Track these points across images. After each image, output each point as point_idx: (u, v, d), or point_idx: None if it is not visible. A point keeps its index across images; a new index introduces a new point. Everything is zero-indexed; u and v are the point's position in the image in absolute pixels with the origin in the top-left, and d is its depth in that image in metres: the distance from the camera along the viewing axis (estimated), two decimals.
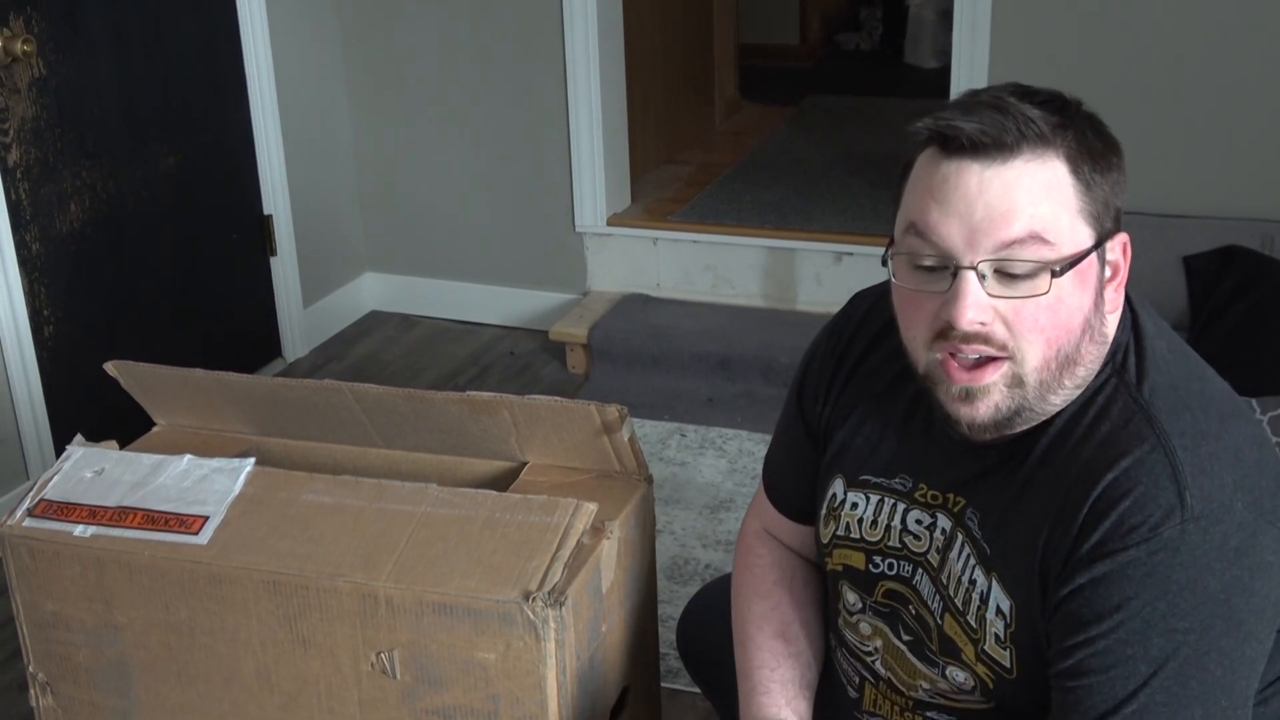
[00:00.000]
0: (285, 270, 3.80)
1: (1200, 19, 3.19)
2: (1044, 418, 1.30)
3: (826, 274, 3.68)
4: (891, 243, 1.32)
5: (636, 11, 4.02)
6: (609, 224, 3.89)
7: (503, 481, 1.81)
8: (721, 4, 4.92)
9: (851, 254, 3.63)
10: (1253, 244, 3.10)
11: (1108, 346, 1.30)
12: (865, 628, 1.48)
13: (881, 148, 4.53)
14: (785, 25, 6.40)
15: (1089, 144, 1.25)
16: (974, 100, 1.26)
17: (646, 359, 3.63)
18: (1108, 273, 1.28)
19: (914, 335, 1.31)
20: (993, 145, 1.22)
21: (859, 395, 1.49)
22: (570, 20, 3.70)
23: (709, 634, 1.75)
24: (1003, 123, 1.22)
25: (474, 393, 1.77)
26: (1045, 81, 1.32)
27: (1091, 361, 1.29)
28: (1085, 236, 1.25)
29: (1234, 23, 3.16)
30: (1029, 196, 1.22)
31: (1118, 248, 1.29)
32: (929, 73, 5.96)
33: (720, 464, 3.17)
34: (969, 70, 3.36)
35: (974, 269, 1.23)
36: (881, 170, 4.22)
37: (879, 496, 1.45)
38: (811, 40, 6.51)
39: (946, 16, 4.66)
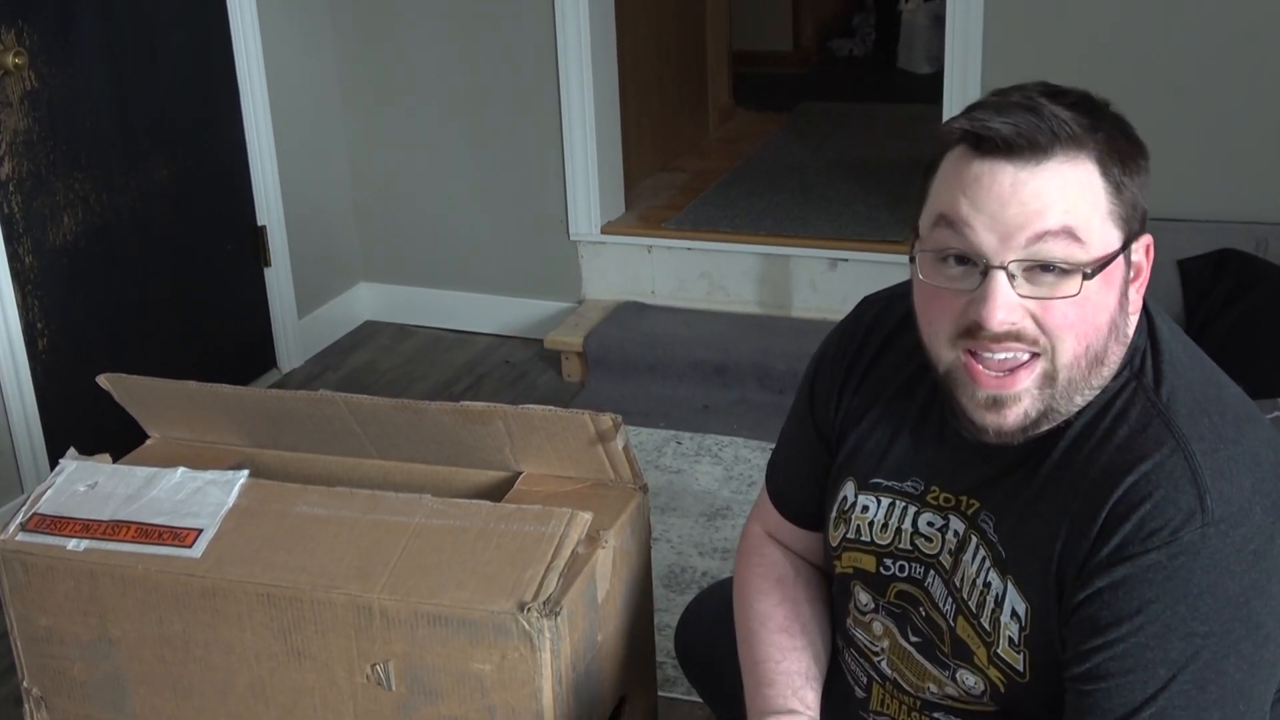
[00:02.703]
0: (280, 281, 3.80)
1: (1193, 23, 3.19)
2: (1065, 419, 1.29)
3: (821, 280, 3.68)
4: (915, 238, 1.31)
5: (629, 19, 4.02)
6: (603, 232, 3.89)
7: (497, 491, 1.81)
8: (715, 11, 4.92)
9: (846, 260, 3.63)
10: (1247, 247, 3.11)
11: (1127, 345, 1.30)
12: (877, 627, 1.47)
13: (876, 153, 4.54)
14: (778, 32, 6.41)
15: (1118, 145, 1.26)
16: (1006, 100, 1.25)
17: (642, 367, 3.63)
18: (1131, 273, 1.29)
19: (935, 331, 1.30)
20: (1027, 147, 1.22)
21: (871, 398, 1.48)
22: (563, 29, 3.70)
23: (707, 639, 1.75)
24: (1037, 124, 1.22)
25: (468, 403, 1.76)
26: None
27: (1114, 361, 1.29)
28: (1114, 238, 1.25)
29: (1227, 27, 3.16)
30: (1062, 195, 1.22)
31: (1141, 249, 1.29)
32: (922, 78, 5.96)
33: (716, 471, 3.17)
34: (962, 76, 3.36)
35: (1004, 269, 1.22)
36: (876, 176, 4.23)
37: (890, 499, 1.44)
38: (805, 47, 6.51)
39: (939, 22, 4.67)
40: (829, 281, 3.66)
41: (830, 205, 4.01)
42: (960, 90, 3.34)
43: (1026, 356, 1.25)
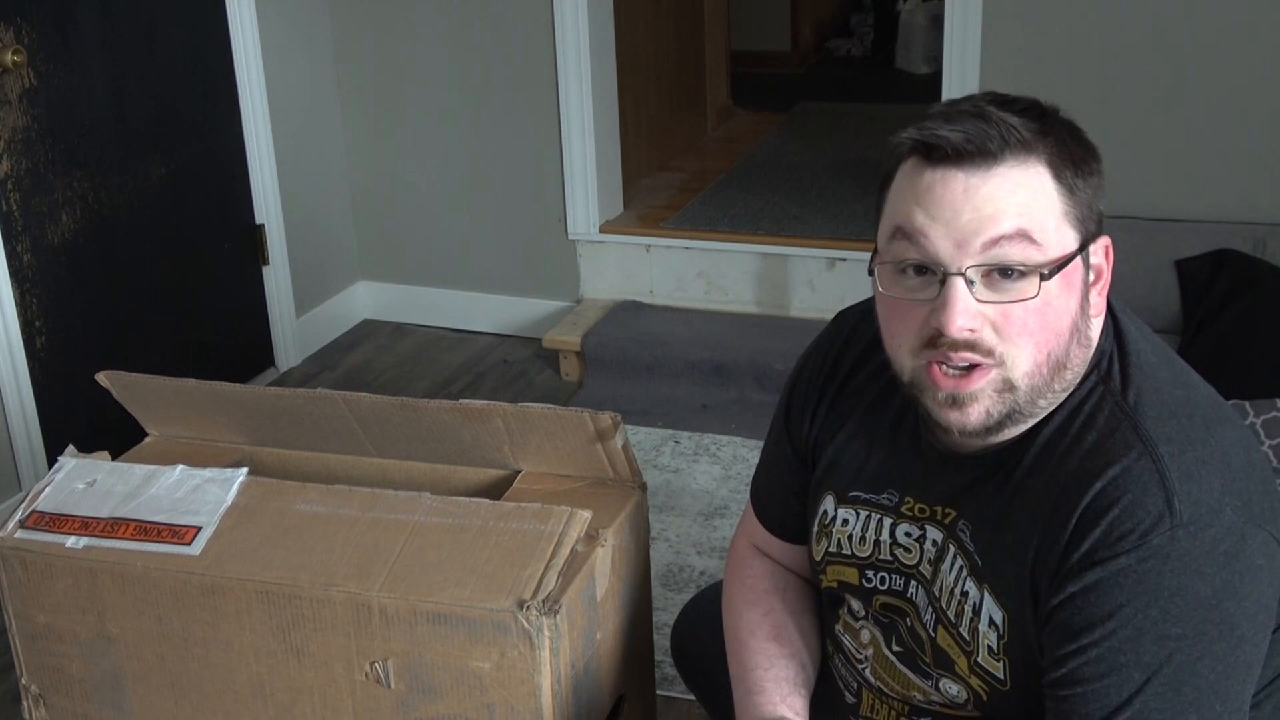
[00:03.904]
0: (278, 279, 3.80)
1: (1191, 24, 3.19)
2: (1032, 422, 1.30)
3: (819, 280, 3.68)
4: (875, 253, 1.32)
5: (628, 19, 4.02)
6: (602, 231, 3.89)
7: (496, 490, 1.81)
8: (713, 11, 4.93)
9: (844, 260, 3.63)
10: (1245, 247, 3.11)
11: (1092, 350, 1.30)
12: (865, 635, 1.48)
13: (873, 153, 4.54)
14: (777, 32, 6.41)
15: (1069, 149, 1.26)
16: (955, 110, 1.27)
17: (640, 366, 3.63)
18: (1091, 276, 1.29)
19: (899, 344, 1.30)
20: (977, 153, 1.23)
21: (846, 412, 1.49)
22: (561, 28, 3.70)
23: (703, 640, 1.75)
24: (986, 130, 1.23)
25: (466, 401, 1.76)
26: (1037, 87, 1.33)
27: (1078, 365, 1.29)
28: (1070, 240, 1.25)
29: (1225, 26, 3.17)
30: (1015, 199, 1.23)
31: (1100, 251, 1.30)
32: (920, 78, 5.98)
33: (714, 470, 3.17)
34: (960, 75, 3.37)
35: (962, 275, 1.23)
36: (873, 176, 4.21)
37: (867, 512, 1.45)
38: (803, 46, 6.52)
39: (937, 22, 4.66)
40: (827, 281, 3.66)
41: (828, 205, 4.01)
42: (959, 90, 3.34)
43: (982, 363, 1.25)
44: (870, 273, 1.32)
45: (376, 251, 4.16)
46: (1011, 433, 1.30)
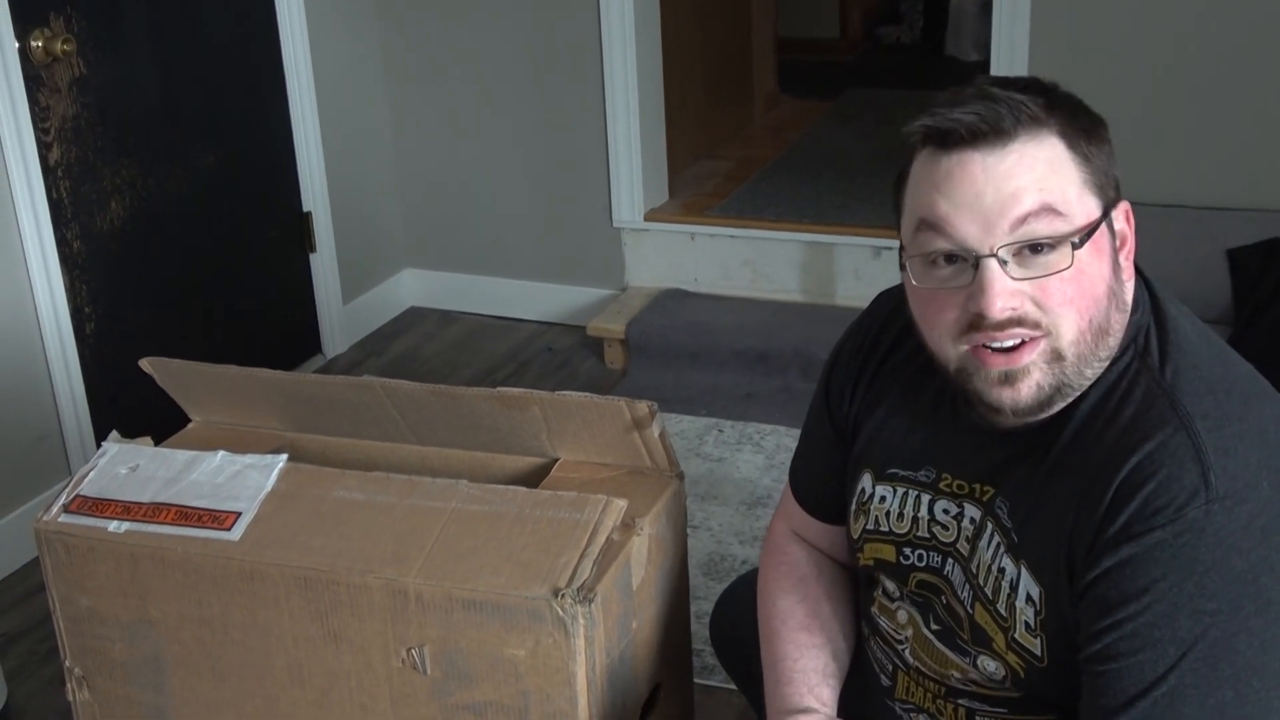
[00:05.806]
0: (325, 267, 3.82)
1: (1243, 10, 3.14)
2: (1079, 393, 1.29)
3: (865, 269, 3.66)
4: (902, 248, 1.33)
5: (674, 5, 4.01)
6: (647, 219, 3.88)
7: (534, 478, 1.81)
8: None
9: (890, 248, 3.60)
10: None
11: (1127, 314, 1.30)
12: (902, 615, 1.48)
13: None
14: (825, 19, 6.37)
15: (1079, 120, 1.28)
16: (961, 94, 1.28)
17: (684, 354, 3.62)
18: (1117, 241, 1.30)
19: (940, 334, 1.30)
20: (991, 132, 1.24)
21: (885, 390, 1.49)
22: (607, 14, 3.69)
23: (742, 625, 1.75)
24: (996, 109, 1.24)
25: (504, 389, 1.77)
26: (1087, 74, 1.34)
27: (1118, 329, 1.29)
28: (1093, 207, 1.27)
29: (1275, 10, 3.11)
30: (1033, 174, 1.24)
31: (1121, 216, 1.31)
32: (970, 66, 5.92)
33: (758, 459, 3.16)
34: (1009, 63, 3.33)
35: (994, 256, 1.23)
36: None
37: (905, 489, 1.45)
38: (851, 34, 6.48)
39: (988, 9, 4.62)
40: (873, 270, 3.64)
41: (875, 193, 3.98)
42: None
43: (1030, 337, 1.26)
44: (902, 267, 1.32)
45: (423, 239, 4.18)
46: (1060, 404, 1.30)
